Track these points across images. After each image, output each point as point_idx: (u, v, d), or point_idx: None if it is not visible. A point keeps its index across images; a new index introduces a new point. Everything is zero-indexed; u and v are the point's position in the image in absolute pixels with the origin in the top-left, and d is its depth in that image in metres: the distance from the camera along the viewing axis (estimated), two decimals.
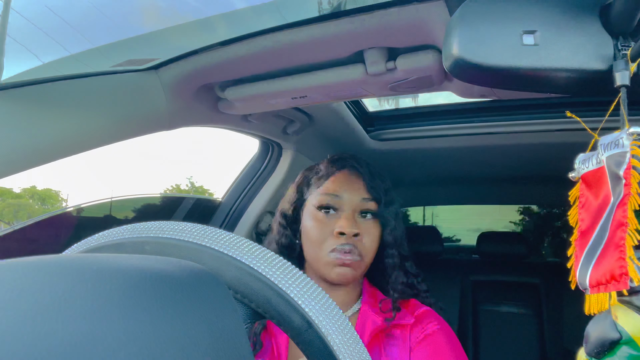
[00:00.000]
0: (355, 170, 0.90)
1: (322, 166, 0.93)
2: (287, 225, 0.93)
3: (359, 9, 0.64)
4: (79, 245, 0.34)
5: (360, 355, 0.29)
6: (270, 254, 0.31)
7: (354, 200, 0.86)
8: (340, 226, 0.83)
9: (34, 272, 0.21)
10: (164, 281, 0.23)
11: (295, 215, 0.93)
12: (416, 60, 0.73)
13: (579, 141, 0.46)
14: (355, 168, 0.90)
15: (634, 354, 0.35)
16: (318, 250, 0.85)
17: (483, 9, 0.47)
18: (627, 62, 0.42)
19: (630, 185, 0.37)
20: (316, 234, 0.85)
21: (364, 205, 0.87)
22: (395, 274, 0.89)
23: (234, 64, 0.80)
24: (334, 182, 0.88)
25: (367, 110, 1.42)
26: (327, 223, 0.85)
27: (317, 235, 0.85)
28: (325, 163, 0.94)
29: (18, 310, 0.18)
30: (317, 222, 0.86)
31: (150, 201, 1.53)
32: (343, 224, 0.83)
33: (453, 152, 1.48)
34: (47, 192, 20.45)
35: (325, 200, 0.87)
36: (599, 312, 0.39)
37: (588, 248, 0.41)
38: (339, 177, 0.89)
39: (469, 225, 3.51)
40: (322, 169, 0.93)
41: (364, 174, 0.89)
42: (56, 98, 0.70)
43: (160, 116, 0.85)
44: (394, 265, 0.89)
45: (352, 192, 0.87)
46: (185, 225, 0.32)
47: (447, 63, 0.49)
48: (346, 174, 0.90)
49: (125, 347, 0.18)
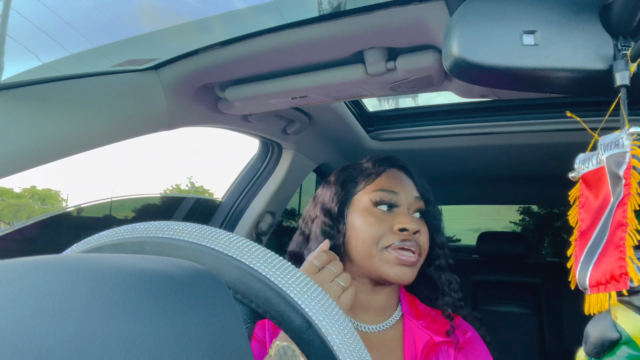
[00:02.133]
0: (404, 169, 0.88)
1: (368, 164, 0.90)
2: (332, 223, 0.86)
3: (359, 9, 0.64)
4: (79, 245, 0.34)
5: (360, 355, 0.29)
6: (271, 254, 0.31)
7: (409, 198, 0.84)
8: (401, 222, 0.79)
9: (34, 272, 0.21)
10: (164, 281, 0.23)
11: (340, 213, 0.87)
12: (416, 60, 0.73)
13: (579, 141, 0.46)
14: (404, 167, 0.88)
15: (634, 354, 0.35)
16: (373, 247, 0.80)
17: (483, 9, 0.47)
18: (627, 62, 0.42)
19: (630, 186, 0.37)
20: (373, 230, 0.80)
21: (418, 204, 0.85)
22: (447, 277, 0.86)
23: (234, 64, 0.80)
24: (388, 179, 0.85)
25: (367, 110, 1.42)
26: (386, 219, 0.81)
27: (375, 231, 0.80)
28: (371, 162, 0.90)
29: (18, 310, 0.18)
30: (375, 218, 0.81)
31: (150, 201, 1.53)
32: (404, 220, 0.80)
33: (453, 152, 1.48)
34: (47, 192, 20.45)
35: (382, 197, 0.83)
36: (599, 312, 0.39)
37: (588, 248, 0.41)
38: (391, 174, 0.87)
39: (469, 225, 3.51)
40: (369, 166, 0.89)
41: (412, 173, 0.87)
42: (56, 98, 0.70)
43: (160, 116, 0.85)
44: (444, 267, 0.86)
45: (406, 189, 0.85)
46: (185, 225, 0.32)
47: (447, 63, 0.49)
48: (397, 172, 0.87)
49: (125, 347, 0.18)
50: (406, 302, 0.87)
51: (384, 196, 0.83)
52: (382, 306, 0.85)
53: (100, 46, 0.78)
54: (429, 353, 0.79)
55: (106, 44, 0.77)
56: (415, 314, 0.84)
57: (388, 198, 0.83)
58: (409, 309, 0.85)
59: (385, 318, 0.85)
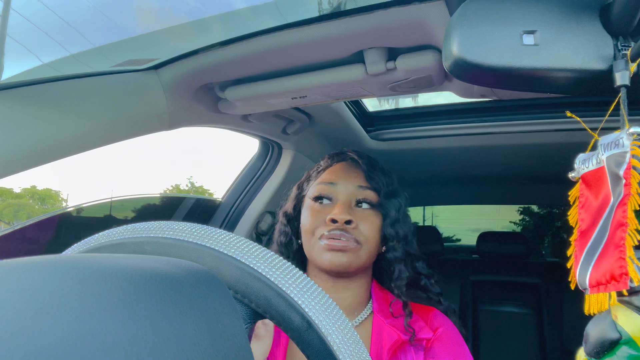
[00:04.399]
0: (354, 161, 0.89)
1: (323, 161, 0.93)
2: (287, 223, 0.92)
3: (359, 9, 0.64)
4: (79, 245, 0.34)
5: (360, 355, 0.29)
6: (271, 254, 0.31)
7: (349, 189, 0.85)
8: (332, 213, 0.81)
9: (33, 272, 0.21)
10: (164, 281, 0.23)
11: (296, 213, 0.92)
12: (416, 60, 0.73)
13: (579, 141, 0.46)
14: (354, 159, 0.89)
15: (634, 354, 0.35)
16: (311, 238, 0.83)
17: (483, 8, 0.47)
18: (627, 62, 0.42)
19: (630, 185, 0.37)
20: (309, 223, 0.83)
21: (361, 194, 0.85)
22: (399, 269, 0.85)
23: (234, 64, 0.80)
24: (331, 172, 0.88)
25: (367, 110, 1.42)
26: (322, 212, 0.83)
27: (310, 224, 0.83)
28: (326, 158, 0.93)
29: (18, 310, 0.18)
30: (312, 212, 0.84)
31: (150, 201, 1.53)
32: (335, 211, 0.81)
33: (453, 152, 1.48)
34: (47, 192, 20.45)
35: (320, 190, 0.85)
36: (599, 312, 0.39)
37: (588, 248, 0.41)
38: (337, 168, 0.89)
39: (469, 225, 3.51)
40: (322, 163, 0.93)
41: (362, 164, 0.87)
42: (56, 98, 0.70)
43: (160, 116, 0.85)
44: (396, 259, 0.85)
45: (348, 180, 0.85)
46: (185, 225, 0.32)
47: (447, 63, 0.49)
48: (344, 165, 0.89)
49: (125, 347, 0.18)
50: (377, 299, 0.86)
51: (322, 189, 0.86)
52: (349, 304, 0.84)
53: (100, 46, 0.78)
54: (397, 351, 0.78)
55: (106, 44, 0.77)
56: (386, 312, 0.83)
57: (326, 191, 0.85)
58: (379, 307, 0.84)
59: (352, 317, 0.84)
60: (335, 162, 0.90)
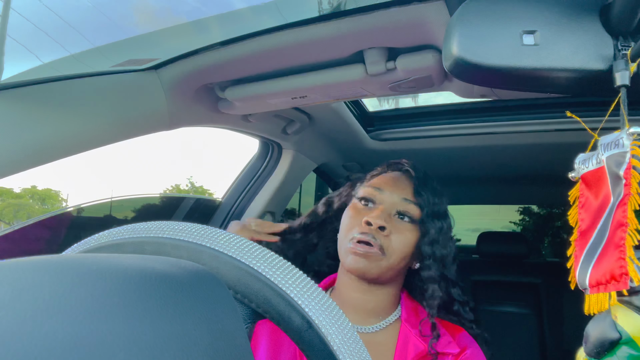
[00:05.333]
0: (407, 173, 0.89)
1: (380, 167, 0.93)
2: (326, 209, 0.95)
3: (359, 9, 0.64)
4: (79, 245, 0.34)
5: (360, 355, 0.29)
6: (271, 254, 0.31)
7: (393, 198, 0.84)
8: (369, 216, 0.80)
9: (34, 272, 0.21)
10: (164, 281, 0.23)
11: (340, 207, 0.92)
12: (416, 60, 0.73)
13: (579, 141, 0.46)
14: (409, 171, 0.89)
15: (634, 354, 0.35)
16: (344, 238, 0.82)
17: (483, 8, 0.47)
18: (627, 62, 0.42)
19: (630, 185, 0.37)
20: (347, 222, 0.84)
21: (403, 206, 0.84)
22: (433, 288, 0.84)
23: (234, 64, 0.80)
24: (382, 179, 0.88)
25: (367, 110, 1.42)
26: (361, 213, 0.83)
27: (348, 223, 0.83)
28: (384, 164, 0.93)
29: (18, 310, 0.18)
30: (354, 210, 0.85)
31: (150, 201, 1.53)
32: (373, 214, 0.80)
33: (453, 152, 1.48)
34: (47, 192, 20.44)
35: (366, 193, 0.86)
36: (599, 312, 0.39)
37: (588, 248, 0.41)
38: (389, 175, 0.89)
39: (468, 225, 3.51)
40: (379, 168, 0.92)
41: (414, 178, 0.87)
42: (56, 98, 0.70)
43: (160, 116, 0.85)
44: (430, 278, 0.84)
45: (395, 190, 0.85)
46: (185, 225, 0.32)
47: (447, 63, 0.49)
48: (397, 175, 0.89)
49: (125, 347, 0.18)
50: (406, 308, 0.85)
51: (368, 192, 0.86)
52: (373, 308, 0.84)
53: (100, 46, 0.78)
54: None
55: (106, 44, 0.77)
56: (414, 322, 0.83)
57: (371, 194, 0.85)
58: (407, 315, 0.84)
59: (377, 320, 0.84)
60: (390, 170, 0.90)
